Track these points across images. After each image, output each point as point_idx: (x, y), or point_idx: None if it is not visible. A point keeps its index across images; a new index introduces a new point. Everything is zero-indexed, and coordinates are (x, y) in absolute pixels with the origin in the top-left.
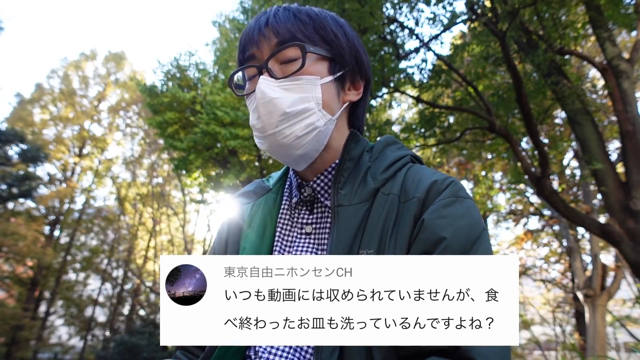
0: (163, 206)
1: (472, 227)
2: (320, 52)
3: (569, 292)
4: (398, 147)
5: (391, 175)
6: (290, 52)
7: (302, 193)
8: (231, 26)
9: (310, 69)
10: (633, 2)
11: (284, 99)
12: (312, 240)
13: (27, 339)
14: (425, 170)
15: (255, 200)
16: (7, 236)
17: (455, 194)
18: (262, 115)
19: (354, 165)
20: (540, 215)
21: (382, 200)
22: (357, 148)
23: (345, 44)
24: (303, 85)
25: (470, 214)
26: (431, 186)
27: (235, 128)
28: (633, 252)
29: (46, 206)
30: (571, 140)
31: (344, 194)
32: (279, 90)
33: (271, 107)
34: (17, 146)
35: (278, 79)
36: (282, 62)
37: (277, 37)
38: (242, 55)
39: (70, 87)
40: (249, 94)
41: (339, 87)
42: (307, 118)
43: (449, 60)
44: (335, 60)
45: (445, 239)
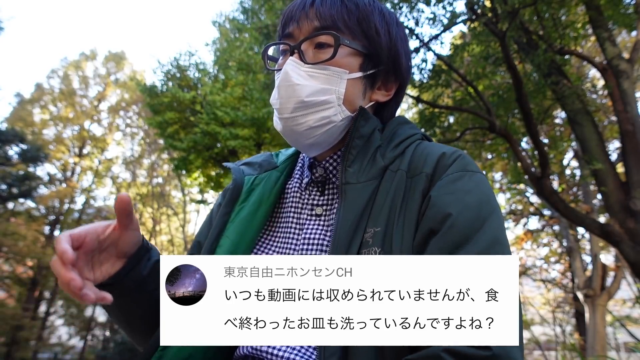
0: (163, 206)
1: (482, 203)
2: (355, 47)
3: (569, 292)
4: (410, 127)
5: (400, 152)
6: (325, 39)
7: (314, 173)
8: (231, 26)
9: (340, 60)
10: (633, 2)
11: (305, 86)
12: (323, 222)
13: (27, 339)
14: (434, 146)
15: (258, 173)
16: (7, 236)
17: (464, 168)
18: (281, 96)
19: (363, 143)
20: (540, 215)
21: (390, 177)
22: (367, 126)
23: (386, 43)
24: (329, 76)
25: (480, 189)
26: (439, 160)
27: (235, 128)
28: (633, 252)
29: (46, 206)
30: (571, 140)
31: (352, 171)
32: (304, 76)
33: (291, 92)
34: (17, 146)
35: (306, 63)
36: (317, 46)
37: (318, 20)
38: (282, 30)
39: (70, 87)
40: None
41: (367, 84)
42: (324, 111)
43: (449, 60)
44: (370, 58)
45: (452, 215)
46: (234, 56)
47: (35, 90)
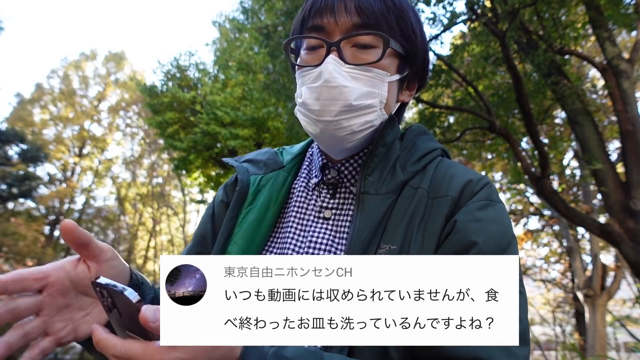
0: (163, 206)
1: (503, 233)
2: (398, 49)
3: (569, 292)
4: (429, 138)
5: (421, 168)
6: (370, 39)
7: (326, 175)
8: (231, 26)
9: (383, 63)
10: (633, 2)
11: (354, 89)
12: (330, 226)
13: None
14: (457, 167)
15: (264, 173)
16: (7, 236)
17: (489, 197)
18: (323, 98)
19: (385, 152)
20: (540, 215)
21: (410, 193)
22: (392, 134)
23: (420, 43)
24: (372, 78)
25: (502, 219)
26: (465, 186)
27: (235, 128)
28: (633, 252)
29: (46, 206)
30: (571, 140)
31: (371, 180)
32: (348, 78)
33: (337, 94)
34: (17, 146)
35: (348, 64)
36: (356, 45)
37: (360, 16)
38: (311, 20)
39: (70, 87)
40: (307, 67)
41: (400, 86)
42: (368, 115)
43: (449, 60)
44: (407, 59)
45: (478, 244)
46: (234, 56)
47: (35, 90)
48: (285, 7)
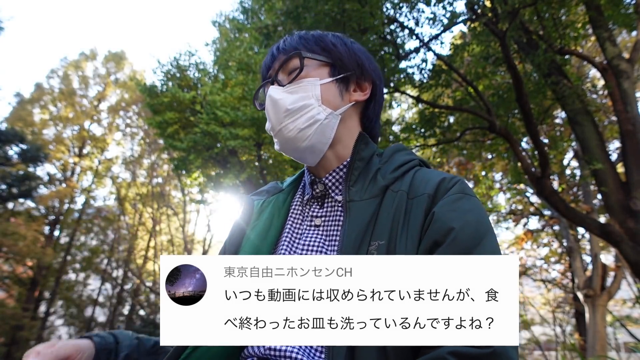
0: (163, 206)
1: (480, 223)
2: (318, 58)
3: (569, 292)
4: (407, 153)
5: (400, 175)
6: (294, 63)
7: (315, 189)
8: (231, 26)
9: (311, 73)
10: (633, 2)
11: (287, 99)
12: (321, 232)
13: (27, 339)
14: (433, 172)
15: (266, 197)
16: (7, 236)
17: (462, 191)
18: (271, 116)
19: (364, 165)
20: (540, 215)
21: (392, 196)
22: (367, 150)
23: (344, 51)
24: (304, 86)
25: (477, 210)
26: (440, 183)
27: (235, 128)
28: (633, 252)
29: (46, 206)
30: (571, 140)
31: (355, 190)
32: (284, 94)
33: (277, 107)
34: (17, 146)
35: (284, 85)
36: (289, 72)
37: (285, 54)
38: (263, 80)
39: (70, 87)
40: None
41: (342, 87)
42: (308, 112)
43: (449, 60)
44: (335, 65)
45: (455, 229)
46: (234, 56)
47: (35, 90)
48: (285, 7)
